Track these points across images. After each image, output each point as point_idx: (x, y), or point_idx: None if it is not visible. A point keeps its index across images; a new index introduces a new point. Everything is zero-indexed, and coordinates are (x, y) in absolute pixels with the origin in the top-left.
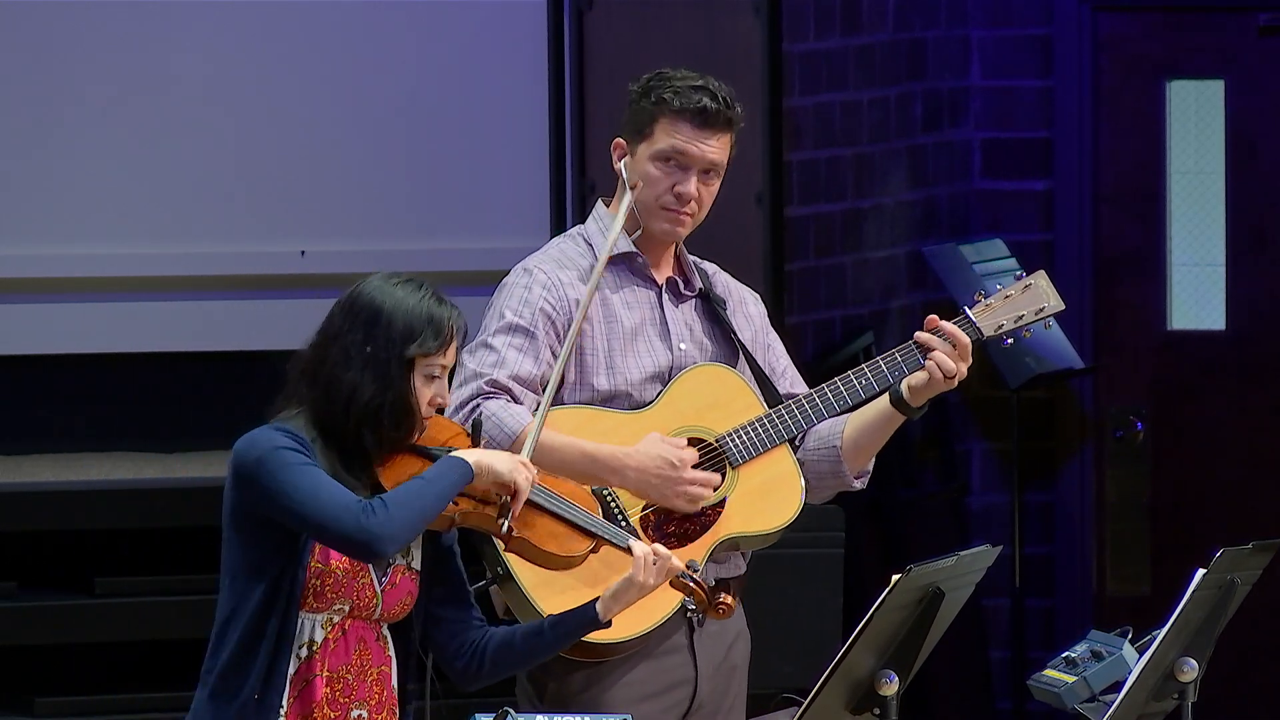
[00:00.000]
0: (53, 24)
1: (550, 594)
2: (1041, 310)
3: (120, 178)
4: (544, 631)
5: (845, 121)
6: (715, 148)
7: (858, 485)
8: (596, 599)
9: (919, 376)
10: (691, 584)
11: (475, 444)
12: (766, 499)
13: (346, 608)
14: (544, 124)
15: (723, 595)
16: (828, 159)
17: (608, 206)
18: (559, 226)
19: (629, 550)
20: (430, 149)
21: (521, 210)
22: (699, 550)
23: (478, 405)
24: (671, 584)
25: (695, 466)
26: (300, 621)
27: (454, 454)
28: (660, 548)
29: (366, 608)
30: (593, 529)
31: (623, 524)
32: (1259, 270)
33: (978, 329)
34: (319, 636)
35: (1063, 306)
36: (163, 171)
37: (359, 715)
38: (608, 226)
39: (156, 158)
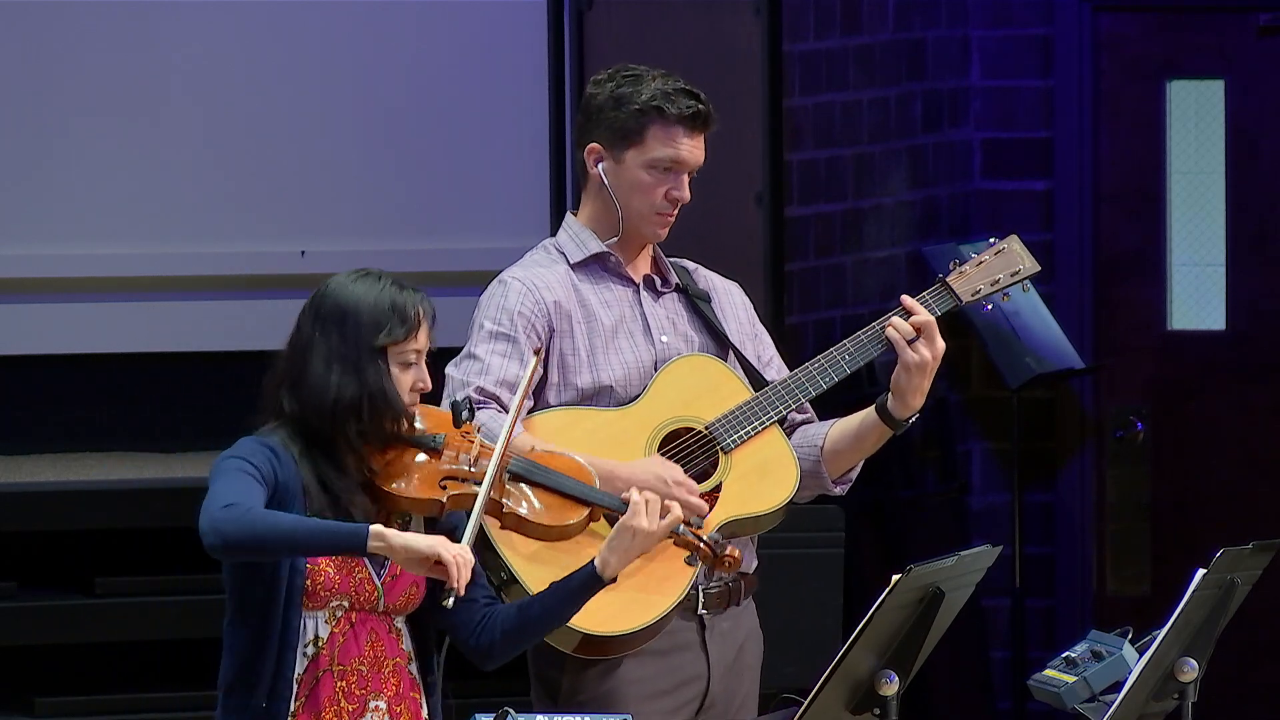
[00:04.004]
0: (52, 24)
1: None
2: (1017, 273)
3: (120, 178)
4: (548, 597)
5: (845, 121)
6: (702, 149)
7: (837, 490)
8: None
9: (900, 377)
10: (692, 539)
11: (457, 426)
12: (762, 480)
13: (346, 603)
14: (544, 124)
15: (728, 548)
16: (828, 159)
17: (574, 215)
18: (558, 226)
19: (622, 509)
20: (430, 149)
21: (521, 210)
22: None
23: None
24: (674, 542)
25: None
26: (303, 621)
27: (371, 528)
28: (655, 497)
29: (369, 601)
30: (585, 496)
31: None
32: (1259, 270)
33: (955, 296)
34: (324, 633)
35: (1038, 268)
36: (163, 171)
37: (376, 706)
38: (578, 234)
39: (156, 158)
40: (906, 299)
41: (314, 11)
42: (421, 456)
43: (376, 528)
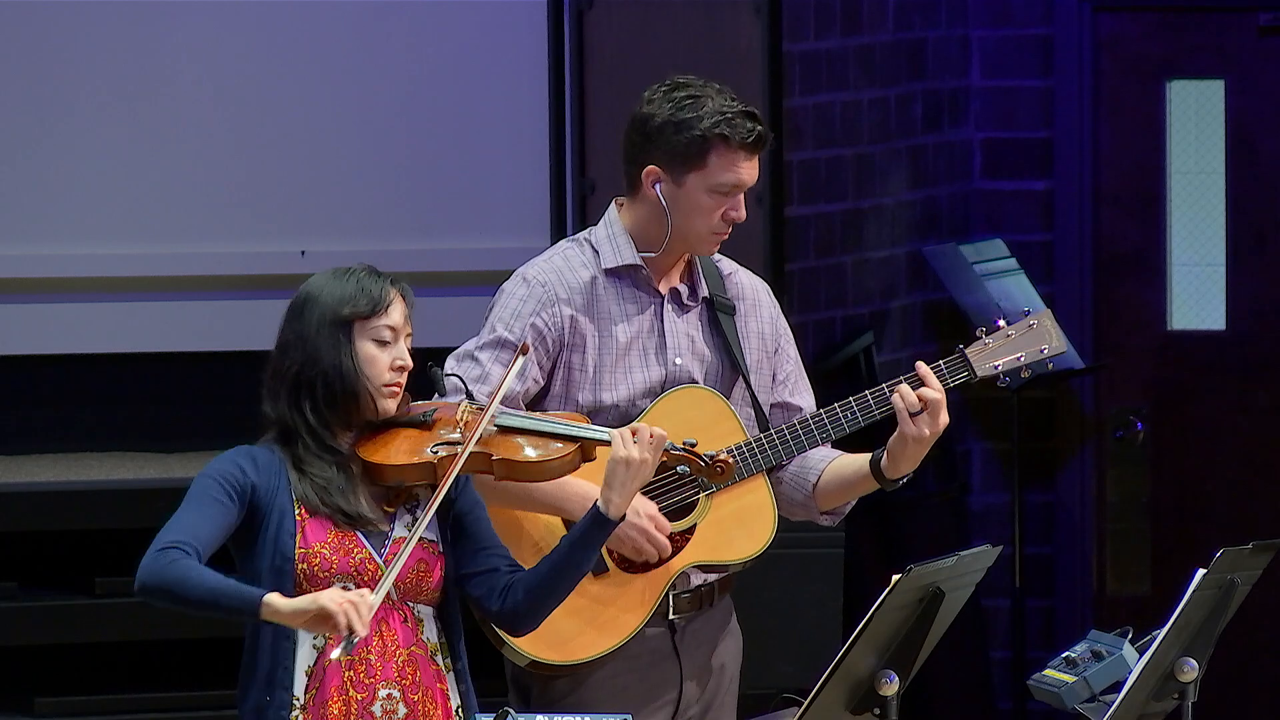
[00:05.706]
0: (53, 24)
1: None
2: (1043, 352)
3: (120, 178)
4: (563, 549)
5: (845, 121)
6: (758, 167)
7: (824, 521)
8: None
9: (896, 444)
10: (681, 453)
11: (440, 395)
12: (737, 529)
13: (351, 585)
14: (544, 124)
15: (718, 455)
16: (828, 159)
17: (619, 209)
18: (559, 226)
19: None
20: (430, 149)
21: (521, 210)
22: (661, 578)
23: None
24: (666, 459)
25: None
26: None
27: (264, 596)
28: (642, 425)
29: (374, 581)
30: (572, 433)
31: None
32: (1259, 270)
33: (971, 369)
34: None
35: (1064, 349)
36: (163, 171)
37: (388, 694)
38: (616, 238)
39: (156, 158)
40: (921, 367)
41: (314, 11)
42: (413, 432)
43: (269, 596)
